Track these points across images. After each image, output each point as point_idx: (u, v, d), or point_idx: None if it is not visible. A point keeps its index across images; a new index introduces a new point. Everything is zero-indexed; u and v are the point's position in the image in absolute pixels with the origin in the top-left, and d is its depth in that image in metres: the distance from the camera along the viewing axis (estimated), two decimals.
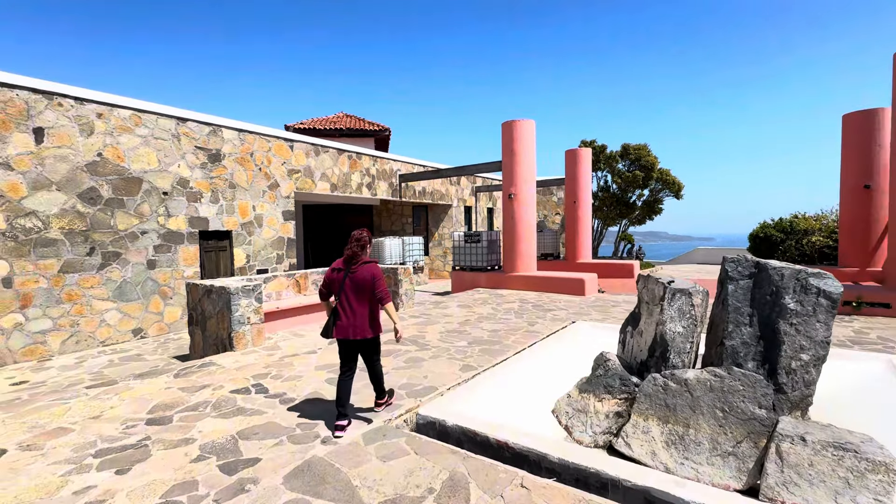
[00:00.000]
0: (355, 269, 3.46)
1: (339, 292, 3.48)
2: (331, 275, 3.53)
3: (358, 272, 3.45)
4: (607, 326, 6.71)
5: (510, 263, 11.18)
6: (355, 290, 3.44)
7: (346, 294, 3.45)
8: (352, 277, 3.45)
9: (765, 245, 13.99)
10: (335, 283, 3.50)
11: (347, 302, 3.45)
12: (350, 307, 3.45)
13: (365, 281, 3.44)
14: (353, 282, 3.44)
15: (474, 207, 18.07)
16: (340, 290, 3.47)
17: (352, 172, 12.35)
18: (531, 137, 11.06)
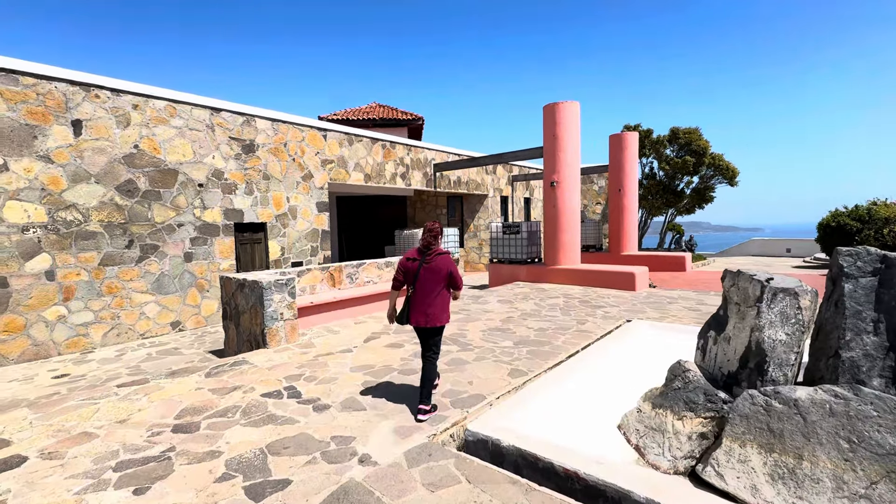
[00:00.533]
0: (430, 258, 3.58)
1: (413, 281, 3.60)
2: (406, 264, 3.66)
3: (433, 262, 3.57)
4: (670, 327, 6.02)
5: (552, 256, 10.54)
6: (430, 278, 3.56)
7: (420, 283, 3.57)
8: (427, 267, 3.57)
9: (837, 235, 12.63)
10: (410, 273, 3.63)
11: (422, 290, 3.56)
12: (424, 294, 3.56)
13: (440, 270, 3.56)
14: (428, 271, 3.56)
15: (511, 197, 17.40)
16: (415, 278, 3.59)
17: (385, 162, 12.00)
18: (575, 120, 10.31)
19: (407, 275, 3.66)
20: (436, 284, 3.56)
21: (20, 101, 6.33)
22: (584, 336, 5.76)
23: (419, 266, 3.58)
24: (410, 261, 3.64)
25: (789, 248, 19.80)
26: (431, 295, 3.55)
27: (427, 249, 3.62)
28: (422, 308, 3.54)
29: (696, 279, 11.37)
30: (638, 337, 5.67)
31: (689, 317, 6.78)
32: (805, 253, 18.97)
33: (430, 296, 3.55)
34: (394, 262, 8.46)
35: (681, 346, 5.36)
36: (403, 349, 5.33)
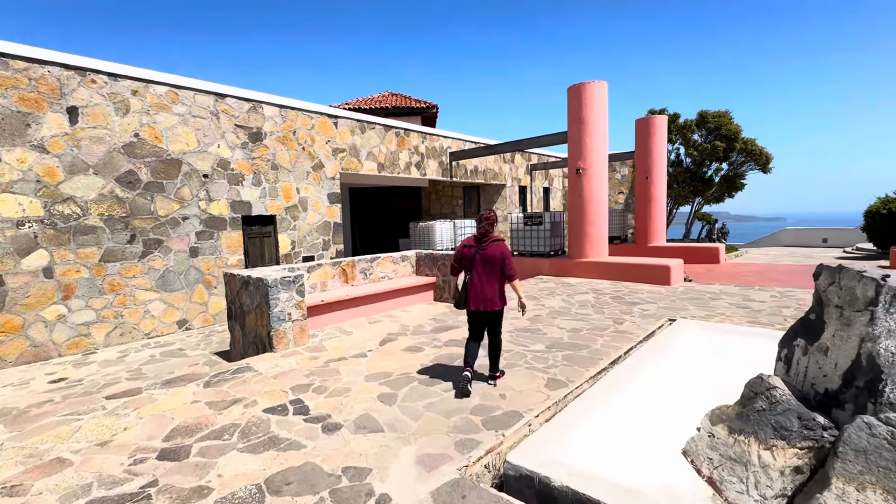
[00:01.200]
0: (486, 245, 3.72)
1: (469, 267, 3.75)
2: (462, 251, 3.82)
3: (488, 248, 3.71)
4: (721, 328, 5.36)
5: (578, 248, 9.87)
6: (486, 265, 3.70)
7: (476, 269, 3.72)
8: (482, 254, 3.71)
9: (888, 223, 11.65)
10: (466, 259, 3.79)
11: (478, 276, 3.71)
12: (481, 281, 3.71)
13: (495, 257, 3.69)
14: (484, 257, 3.70)
15: (529, 187, 16.68)
16: (472, 265, 3.74)
17: (399, 151, 11.42)
18: (603, 103, 9.56)
19: (463, 261, 3.82)
20: (491, 270, 3.71)
21: (11, 87, 5.92)
22: (625, 338, 5.14)
23: (475, 253, 3.73)
24: (467, 248, 3.81)
25: (825, 238, 18.68)
26: (487, 280, 3.71)
27: (484, 237, 3.76)
28: (478, 293, 3.71)
29: (733, 272, 10.58)
30: (688, 340, 5.03)
31: (739, 315, 6.09)
32: (844, 243, 17.86)
33: (485, 281, 3.70)
34: (410, 255, 7.92)
35: (740, 350, 4.70)
36: (423, 354, 4.79)
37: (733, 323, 5.72)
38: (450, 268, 4.04)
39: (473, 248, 3.77)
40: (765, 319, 5.82)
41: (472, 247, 3.78)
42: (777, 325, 5.52)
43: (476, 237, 3.82)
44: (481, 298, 3.70)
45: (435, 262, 7.64)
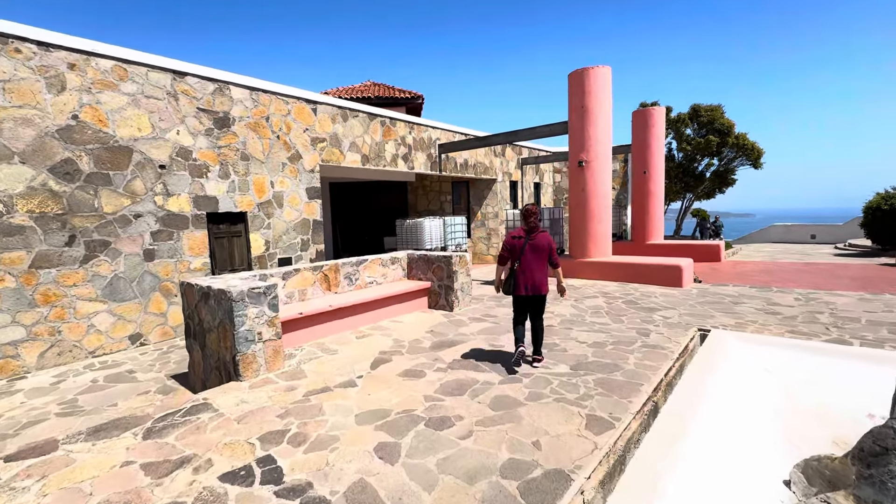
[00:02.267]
0: (535, 236, 4.18)
1: (519, 256, 4.17)
2: (512, 241, 4.24)
3: (537, 238, 4.18)
4: (765, 341, 4.68)
5: (580, 247, 9.16)
6: (535, 253, 4.16)
7: (526, 257, 4.16)
8: (532, 244, 4.17)
9: (890, 219, 11.37)
10: (516, 249, 4.21)
11: (528, 264, 4.16)
12: (531, 268, 4.15)
13: (543, 246, 4.18)
14: (533, 247, 4.17)
15: (520, 182, 15.95)
16: (521, 254, 4.17)
17: (385, 142, 10.48)
18: (607, 89, 8.85)
19: (513, 252, 4.23)
20: (539, 259, 4.18)
21: None
22: (658, 355, 4.41)
23: (524, 244, 4.18)
24: (516, 239, 4.23)
25: (814, 234, 18.61)
26: (535, 268, 4.16)
27: (534, 229, 4.21)
28: (528, 279, 4.15)
29: (739, 271, 10.08)
30: (732, 357, 4.33)
31: (772, 323, 5.45)
32: (833, 239, 17.79)
33: (534, 269, 4.16)
34: (401, 257, 7.04)
35: (794, 369, 4.02)
36: (425, 380, 3.94)
37: (771, 333, 5.06)
38: (498, 258, 4.38)
39: (523, 239, 4.20)
40: (804, 328, 5.19)
41: (522, 238, 4.21)
42: (822, 336, 4.89)
43: (525, 229, 4.24)
44: (531, 284, 4.15)
45: (430, 265, 6.78)
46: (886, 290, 7.31)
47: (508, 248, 4.26)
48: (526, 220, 4.26)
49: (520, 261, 4.18)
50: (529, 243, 4.18)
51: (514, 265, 4.21)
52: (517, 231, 4.31)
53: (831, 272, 9.44)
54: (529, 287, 4.15)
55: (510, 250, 4.25)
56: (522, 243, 4.19)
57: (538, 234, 4.20)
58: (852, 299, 6.63)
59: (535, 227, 4.22)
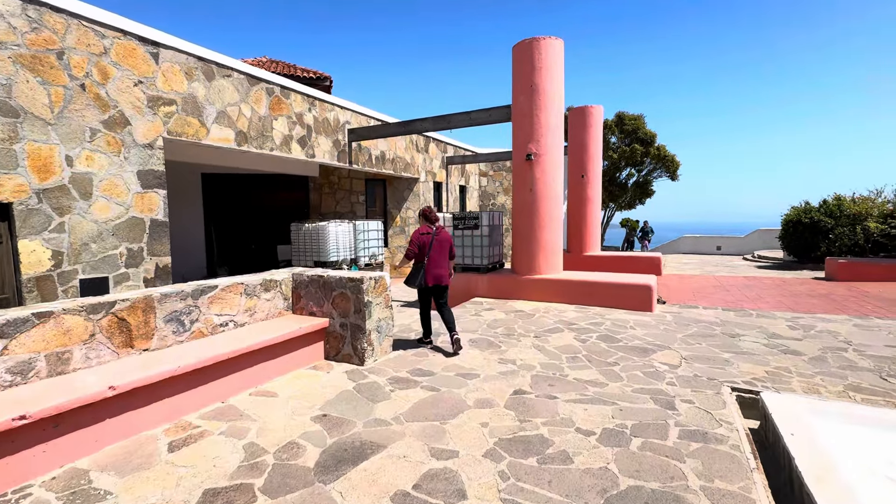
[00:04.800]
0: (439, 232, 4.78)
1: (428, 251, 4.66)
2: (421, 238, 4.70)
3: (441, 233, 4.80)
4: (849, 413, 3.06)
5: (527, 262, 7.35)
6: (440, 248, 4.73)
7: (434, 252, 4.68)
8: (438, 238, 4.74)
9: (810, 233, 11.43)
10: (426, 245, 4.68)
11: (435, 258, 4.68)
12: (437, 262, 4.69)
13: (447, 240, 4.82)
14: (438, 242, 4.73)
15: (445, 184, 14.02)
16: (430, 249, 4.67)
17: (274, 117, 7.77)
18: (559, 66, 7.22)
19: (423, 248, 4.66)
20: (444, 252, 4.76)
21: None
22: (720, 456, 2.56)
23: (432, 238, 4.70)
24: (425, 235, 4.72)
25: (719, 246, 19.38)
26: (442, 260, 4.72)
27: (434, 224, 4.80)
28: (436, 271, 4.67)
29: (690, 287, 9.10)
30: (829, 447, 2.61)
31: (807, 370, 3.97)
32: (737, 250, 18.59)
33: (441, 261, 4.71)
34: (281, 279, 4.50)
35: None
36: None
37: (828, 393, 3.54)
38: (407, 254, 4.74)
39: (430, 235, 4.71)
40: (854, 378, 3.76)
41: (429, 233, 4.72)
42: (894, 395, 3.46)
43: (429, 226, 4.77)
44: (438, 275, 4.67)
45: (327, 292, 4.36)
46: (862, 311, 6.52)
47: (419, 244, 4.66)
48: (429, 218, 4.80)
49: (429, 256, 4.63)
50: (436, 238, 4.70)
51: (424, 259, 4.62)
52: (424, 228, 4.77)
53: (781, 287, 8.82)
54: (437, 278, 4.66)
55: (420, 246, 4.65)
56: (430, 239, 4.68)
57: (441, 230, 4.80)
58: (846, 325, 5.60)
59: (435, 221, 4.80)
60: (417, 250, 4.62)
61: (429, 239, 4.65)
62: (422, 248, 4.63)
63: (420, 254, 4.62)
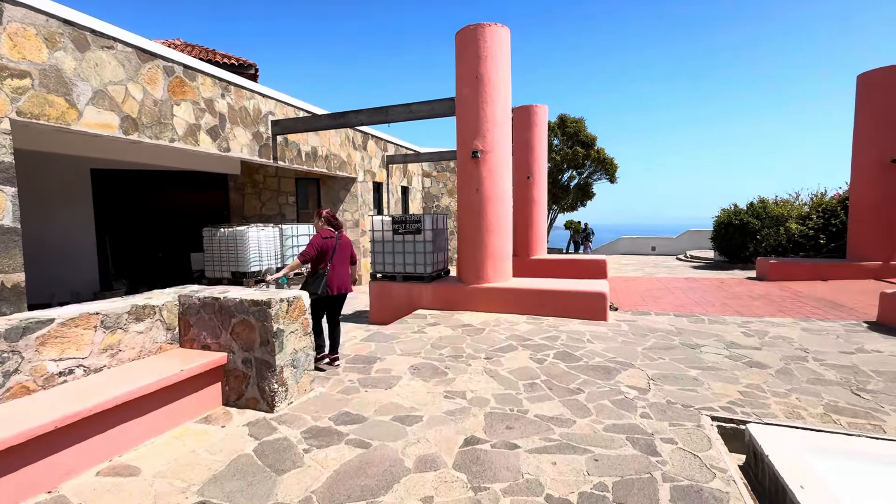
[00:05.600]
0: (341, 236, 4.50)
1: (331, 256, 4.35)
2: (324, 242, 4.35)
3: (343, 239, 4.52)
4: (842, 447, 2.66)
5: (474, 268, 6.72)
6: (343, 253, 4.50)
7: (336, 257, 4.39)
8: (340, 244, 4.46)
9: (739, 234, 11.90)
10: (328, 250, 4.35)
11: (337, 263, 4.41)
12: (340, 268, 4.44)
13: (348, 247, 4.59)
14: (341, 247, 4.48)
15: (385, 185, 13.13)
16: (333, 254, 4.36)
17: (174, 101, 6.51)
18: (506, 56, 6.67)
19: (324, 253, 4.33)
20: (346, 259, 4.55)
21: None
22: None
23: (335, 243, 4.39)
24: (327, 239, 4.37)
25: (654, 247, 20.15)
26: (344, 268, 4.50)
27: (338, 228, 4.51)
28: (338, 279, 4.39)
29: (638, 290, 8.97)
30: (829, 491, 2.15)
31: (779, 387, 3.63)
32: (670, 251, 19.40)
33: (343, 268, 4.49)
34: (161, 305, 3.44)
35: None
36: None
37: (809, 416, 3.18)
38: (302, 255, 4.27)
39: (332, 239, 4.39)
40: (828, 396, 3.46)
41: (331, 238, 4.39)
42: (877, 414, 3.16)
43: (331, 231, 4.45)
44: (341, 283, 4.42)
45: (226, 318, 3.39)
46: (803, 312, 6.58)
47: (320, 248, 4.33)
48: (331, 222, 4.51)
49: (332, 261, 4.36)
50: (339, 243, 4.44)
51: (325, 266, 4.34)
52: (325, 232, 4.44)
53: (721, 289, 8.93)
54: (341, 286, 4.41)
55: (322, 251, 4.34)
56: (333, 244, 4.39)
57: (343, 236, 4.53)
58: (795, 329, 5.51)
59: (338, 226, 4.53)
60: (316, 254, 4.27)
61: (332, 244, 4.36)
62: (323, 253, 4.32)
63: (321, 260, 4.32)
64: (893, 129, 8.69)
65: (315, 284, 4.25)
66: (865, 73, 9.06)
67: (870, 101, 9.00)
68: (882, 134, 8.80)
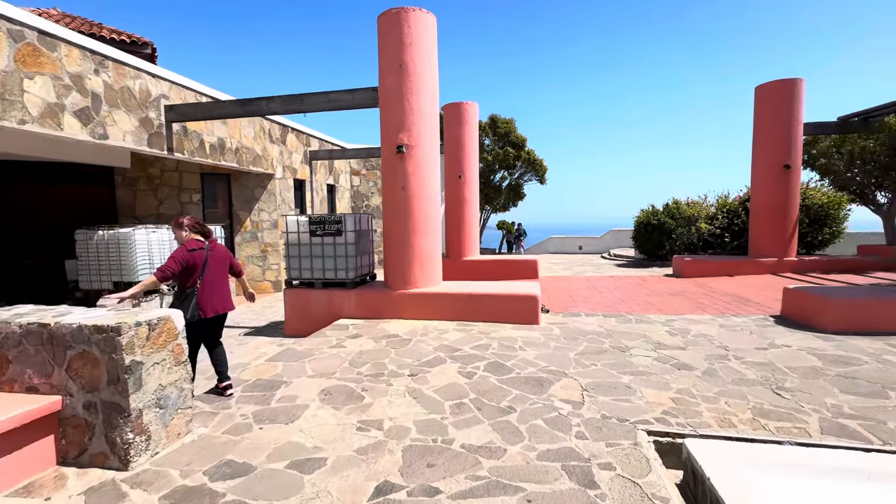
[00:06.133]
0: (213, 245, 3.79)
1: (203, 271, 3.63)
2: (192, 255, 3.58)
3: (217, 249, 3.80)
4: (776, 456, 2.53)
5: (401, 272, 6.21)
6: (218, 265, 3.77)
7: (211, 271, 3.68)
8: (213, 254, 3.73)
9: (657, 233, 12.56)
10: (199, 263, 3.62)
11: (213, 278, 3.70)
12: (217, 283, 3.73)
13: (225, 258, 3.87)
14: (215, 259, 3.74)
15: (309, 182, 12.18)
16: (205, 267, 3.64)
17: (27, 74, 5.28)
18: (432, 43, 6.25)
19: (194, 267, 3.59)
20: (223, 271, 3.83)
21: None
22: None
23: (206, 255, 3.66)
24: (195, 251, 3.62)
25: (581, 246, 20.97)
26: (222, 283, 3.78)
27: (207, 237, 3.78)
28: (215, 297, 3.69)
29: (567, 290, 9.00)
30: None
31: (705, 390, 3.55)
32: (595, 250, 20.28)
33: (221, 284, 3.77)
34: None
35: None
36: None
37: (739, 421, 3.08)
38: (161, 271, 3.47)
39: (203, 251, 3.68)
40: (752, 396, 3.42)
41: (202, 249, 3.68)
42: (802, 415, 3.13)
43: (200, 241, 3.73)
44: (219, 303, 3.73)
45: (59, 351, 2.57)
46: (718, 309, 6.88)
47: (187, 263, 3.56)
48: (198, 230, 3.82)
49: (203, 276, 3.63)
50: (211, 255, 3.73)
51: (196, 283, 3.60)
52: (193, 243, 3.69)
53: (644, 286, 9.24)
54: (217, 306, 3.73)
55: (190, 266, 3.58)
56: (204, 256, 3.67)
57: (216, 245, 3.84)
58: (714, 326, 5.68)
59: (208, 234, 3.83)
60: (180, 269, 3.52)
61: (201, 257, 3.64)
62: (190, 269, 3.57)
63: (187, 276, 3.59)
64: (785, 137, 9.54)
65: (183, 307, 3.53)
66: (762, 85, 9.87)
67: (765, 111, 9.82)
68: (776, 141, 9.63)
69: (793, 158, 9.54)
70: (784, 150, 9.56)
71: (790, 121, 9.50)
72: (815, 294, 5.59)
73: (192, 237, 3.74)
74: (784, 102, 9.52)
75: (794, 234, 9.77)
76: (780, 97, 9.56)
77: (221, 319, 3.87)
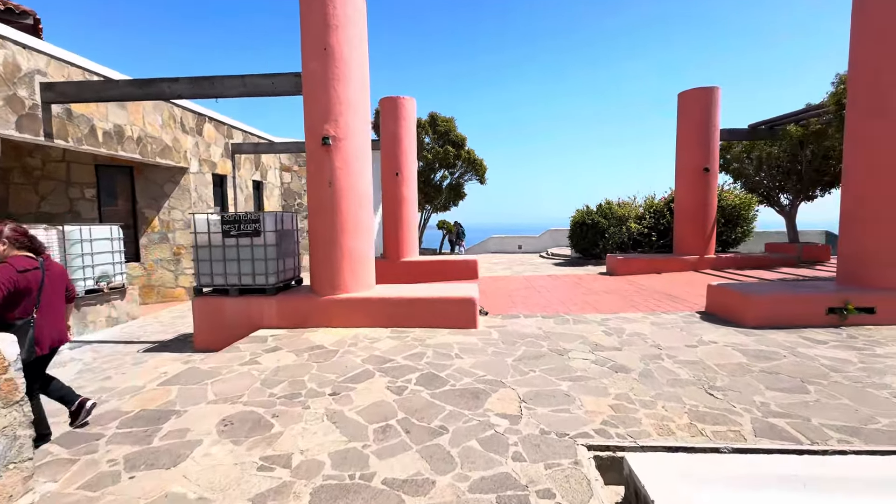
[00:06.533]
0: (49, 263, 3.08)
1: (39, 295, 2.93)
2: (22, 278, 2.78)
3: (53, 267, 3.12)
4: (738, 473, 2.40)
5: (328, 276, 5.67)
6: (54, 288, 3.09)
7: (48, 295, 3.01)
8: (50, 275, 3.03)
9: (592, 232, 12.92)
10: (34, 286, 2.89)
11: (51, 304, 3.05)
12: (55, 310, 3.10)
13: (62, 277, 3.21)
14: (53, 279, 3.06)
15: (232, 178, 11.12)
16: (40, 292, 2.94)
17: None
18: (360, 27, 5.78)
19: (27, 292, 2.84)
20: (61, 293, 3.19)
21: None
22: None
23: (43, 276, 2.96)
24: (28, 272, 2.85)
25: (520, 245, 21.32)
26: (59, 305, 3.16)
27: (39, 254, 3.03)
28: (55, 327, 3.07)
29: (505, 290, 8.88)
30: None
31: (645, 395, 3.45)
32: (533, 249, 20.70)
33: (59, 309, 3.15)
34: None
35: None
36: None
37: (678, 424, 2.97)
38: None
39: (38, 270, 2.94)
40: (687, 398, 3.36)
41: (36, 269, 2.92)
42: (739, 417, 3.09)
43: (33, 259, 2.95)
44: (58, 333, 3.11)
45: None
46: (649, 306, 7.05)
47: (16, 286, 2.74)
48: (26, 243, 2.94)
49: (39, 302, 2.92)
50: (48, 275, 3.00)
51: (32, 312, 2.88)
52: (22, 261, 2.85)
53: (580, 285, 9.36)
54: (54, 338, 3.07)
55: (21, 290, 2.78)
56: (40, 277, 2.93)
57: (52, 263, 3.10)
58: (646, 324, 5.74)
59: (40, 249, 3.04)
60: (7, 295, 2.71)
61: (37, 278, 2.90)
62: (21, 293, 2.79)
63: (15, 303, 2.78)
64: (704, 141, 10.14)
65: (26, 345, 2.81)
66: (683, 92, 10.42)
67: (686, 117, 10.38)
68: (696, 145, 10.20)
69: (711, 162, 10.17)
70: (703, 153, 10.15)
71: (708, 126, 10.11)
72: (736, 290, 5.84)
73: (16, 254, 2.89)
74: (703, 110, 10.11)
75: (713, 233, 10.43)
76: (699, 104, 10.15)
77: (53, 353, 3.17)
